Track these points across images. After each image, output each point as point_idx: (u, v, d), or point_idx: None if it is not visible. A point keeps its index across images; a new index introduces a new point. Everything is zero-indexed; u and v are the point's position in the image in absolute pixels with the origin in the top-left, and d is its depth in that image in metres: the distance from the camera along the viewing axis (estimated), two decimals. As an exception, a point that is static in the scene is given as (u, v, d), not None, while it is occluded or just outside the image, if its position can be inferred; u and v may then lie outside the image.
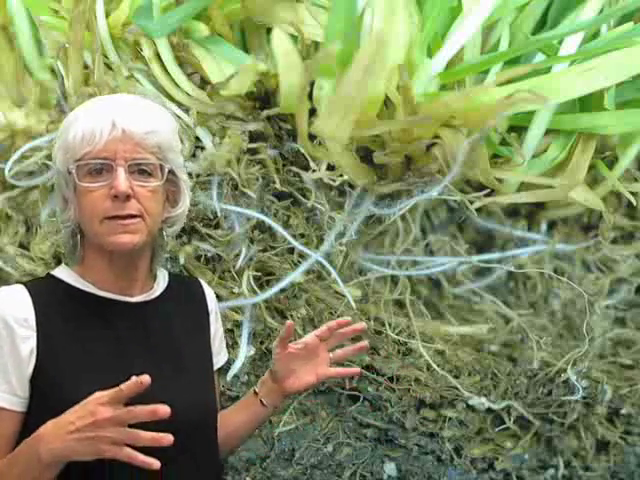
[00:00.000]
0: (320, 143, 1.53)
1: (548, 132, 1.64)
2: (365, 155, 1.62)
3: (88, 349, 1.06)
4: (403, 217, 1.69)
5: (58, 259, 1.59)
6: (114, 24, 1.65)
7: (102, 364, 1.06)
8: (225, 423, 1.23)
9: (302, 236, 1.63)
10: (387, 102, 1.50)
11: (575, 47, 1.58)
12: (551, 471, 1.69)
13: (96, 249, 1.10)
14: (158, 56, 1.64)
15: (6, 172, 1.64)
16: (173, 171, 1.12)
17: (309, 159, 1.62)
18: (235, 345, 1.56)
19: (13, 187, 1.69)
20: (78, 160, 1.06)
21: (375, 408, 1.61)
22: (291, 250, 1.62)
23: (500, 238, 1.90)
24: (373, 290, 1.70)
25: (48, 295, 1.09)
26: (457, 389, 1.63)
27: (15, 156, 1.64)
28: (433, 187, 1.55)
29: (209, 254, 1.60)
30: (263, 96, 1.64)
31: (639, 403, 1.73)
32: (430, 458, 1.61)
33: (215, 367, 1.23)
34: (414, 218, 1.76)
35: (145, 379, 0.91)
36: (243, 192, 1.60)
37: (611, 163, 1.73)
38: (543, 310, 1.88)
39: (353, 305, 1.61)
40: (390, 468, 1.60)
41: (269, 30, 1.58)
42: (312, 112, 1.46)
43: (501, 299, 1.84)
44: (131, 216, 1.06)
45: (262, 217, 1.59)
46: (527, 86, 1.41)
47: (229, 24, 1.64)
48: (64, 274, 1.13)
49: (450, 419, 1.63)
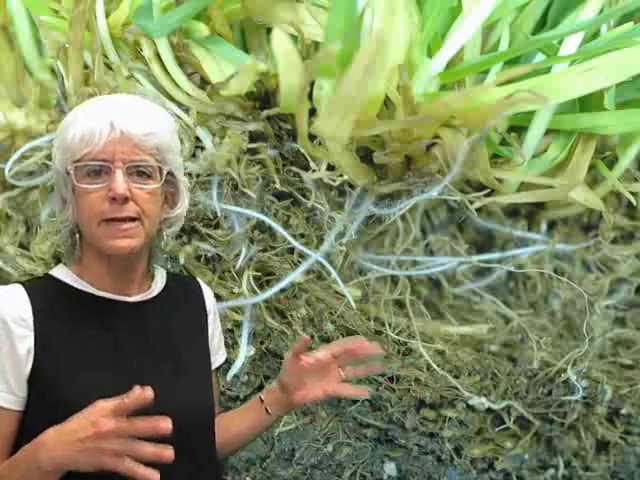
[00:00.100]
0: (320, 143, 1.53)
1: (548, 132, 1.64)
2: (365, 155, 1.62)
3: (86, 349, 1.06)
4: (403, 217, 1.69)
5: (58, 259, 1.59)
6: (114, 24, 1.65)
7: (100, 364, 1.06)
8: (227, 427, 1.22)
9: (302, 236, 1.63)
10: (387, 102, 1.50)
11: (575, 47, 1.58)
12: (551, 471, 1.69)
13: (94, 250, 1.10)
14: (158, 56, 1.64)
15: (6, 172, 1.64)
16: (172, 172, 1.12)
17: (309, 159, 1.62)
18: (235, 345, 1.56)
19: (13, 187, 1.69)
20: (76, 161, 1.06)
21: (375, 408, 1.61)
22: (291, 250, 1.62)
23: (500, 238, 1.90)
24: (373, 290, 1.70)
25: (46, 295, 1.09)
26: (457, 389, 1.63)
27: (15, 156, 1.64)
28: (433, 187, 1.55)
29: (209, 254, 1.60)
30: (263, 96, 1.64)
31: (639, 403, 1.73)
32: (430, 458, 1.61)
33: (213, 367, 1.23)
34: (414, 218, 1.76)
35: (148, 394, 0.90)
36: (243, 192, 1.60)
37: (611, 163, 1.73)
38: (543, 310, 1.88)
39: (353, 305, 1.61)
40: (390, 468, 1.60)
41: (269, 30, 1.58)
42: (312, 112, 1.46)
43: (501, 299, 1.84)
44: (129, 219, 1.06)
45: (262, 217, 1.59)
46: (527, 86, 1.41)
47: (229, 24, 1.64)
48: (62, 274, 1.13)
49: (450, 419, 1.63)
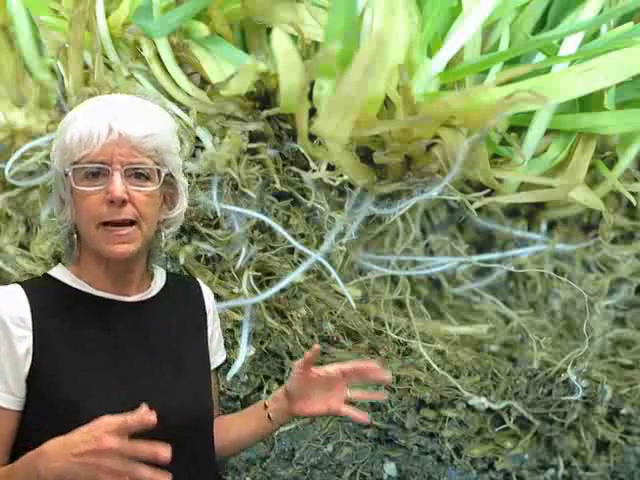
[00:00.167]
0: (320, 143, 1.53)
1: (548, 132, 1.64)
2: (365, 155, 1.62)
3: (85, 348, 1.06)
4: (403, 217, 1.69)
5: (58, 259, 1.59)
6: (114, 24, 1.65)
7: (99, 363, 1.06)
8: (227, 429, 1.22)
9: (302, 236, 1.63)
10: (387, 102, 1.50)
11: (575, 47, 1.58)
12: (551, 471, 1.69)
13: (92, 251, 1.10)
14: (158, 56, 1.64)
15: (6, 172, 1.64)
16: (171, 173, 1.11)
17: (309, 159, 1.62)
18: (235, 345, 1.56)
19: (13, 187, 1.69)
20: (75, 163, 1.06)
21: (375, 408, 1.60)
22: (291, 250, 1.62)
23: (500, 238, 1.90)
24: (373, 290, 1.70)
25: (45, 295, 1.08)
26: (457, 389, 1.62)
27: (15, 156, 1.64)
28: (433, 187, 1.55)
29: (209, 254, 1.60)
30: (263, 96, 1.64)
31: (639, 403, 1.73)
32: (430, 458, 1.61)
33: (213, 367, 1.23)
34: (414, 218, 1.76)
35: (153, 418, 0.89)
36: (243, 192, 1.60)
37: (611, 163, 1.73)
38: (543, 310, 1.88)
39: (353, 305, 1.61)
40: (390, 468, 1.60)
41: (269, 30, 1.57)
42: (312, 112, 1.46)
43: (501, 299, 1.83)
44: (127, 222, 1.05)
45: (262, 217, 1.59)
46: (527, 86, 1.41)
47: (229, 24, 1.64)
48: (61, 274, 1.13)
49: (450, 419, 1.63)
